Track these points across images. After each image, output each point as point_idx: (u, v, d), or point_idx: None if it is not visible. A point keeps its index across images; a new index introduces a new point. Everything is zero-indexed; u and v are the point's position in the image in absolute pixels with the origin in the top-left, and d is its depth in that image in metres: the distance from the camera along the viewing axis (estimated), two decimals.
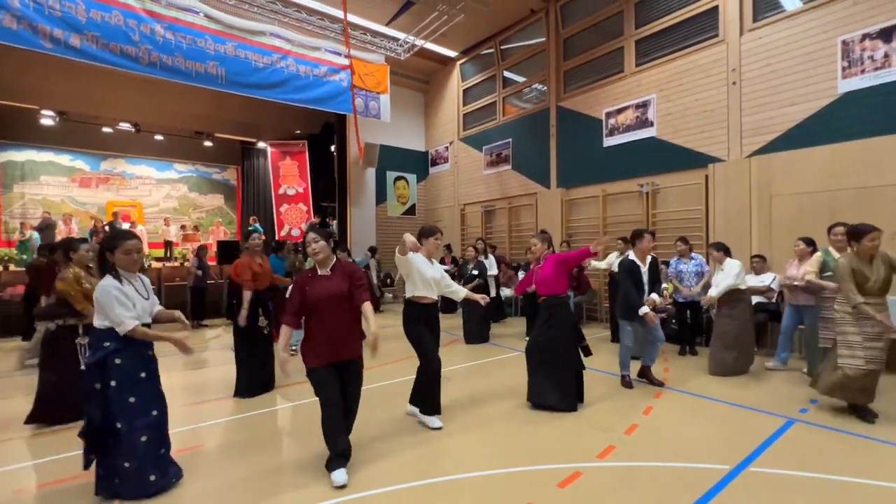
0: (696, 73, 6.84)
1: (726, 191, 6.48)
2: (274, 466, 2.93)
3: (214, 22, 7.68)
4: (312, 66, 8.85)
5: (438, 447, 3.20)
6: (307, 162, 12.91)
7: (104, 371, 2.45)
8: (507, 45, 10.32)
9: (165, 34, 7.13)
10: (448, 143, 12.00)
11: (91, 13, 6.52)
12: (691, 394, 4.26)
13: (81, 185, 12.70)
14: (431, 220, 12.63)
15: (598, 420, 3.62)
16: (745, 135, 6.32)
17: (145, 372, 2.57)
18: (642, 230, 4.48)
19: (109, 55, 6.68)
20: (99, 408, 2.44)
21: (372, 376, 4.48)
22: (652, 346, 4.51)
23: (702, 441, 3.23)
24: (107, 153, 13.00)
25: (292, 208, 12.75)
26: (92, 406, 2.44)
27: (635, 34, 7.72)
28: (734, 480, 2.65)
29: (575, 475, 2.74)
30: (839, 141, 5.46)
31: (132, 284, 2.56)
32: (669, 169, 7.20)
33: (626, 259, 4.46)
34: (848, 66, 5.42)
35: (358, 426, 3.01)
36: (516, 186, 10.01)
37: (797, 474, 2.72)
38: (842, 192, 5.43)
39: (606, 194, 8.13)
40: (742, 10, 6.35)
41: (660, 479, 2.71)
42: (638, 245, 4.39)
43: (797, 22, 5.84)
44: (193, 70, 7.44)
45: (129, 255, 2.53)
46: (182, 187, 14.43)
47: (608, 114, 8.09)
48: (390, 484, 2.66)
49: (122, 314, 2.41)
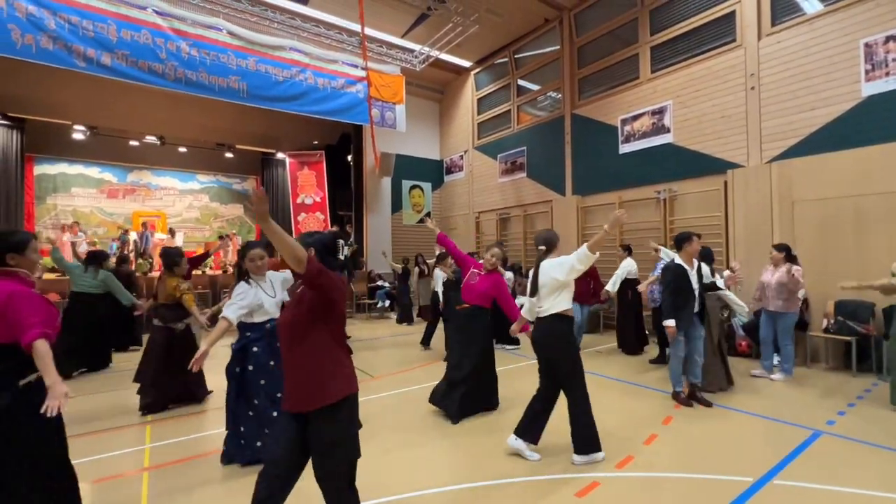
0: (713, 79, 6.78)
1: (746, 197, 6.37)
2: None
3: (237, 38, 7.96)
4: (330, 79, 9.07)
5: (459, 455, 3.21)
6: (325, 172, 13.13)
7: (244, 357, 3.01)
8: (521, 54, 10.39)
9: (191, 51, 7.42)
10: (463, 151, 12.09)
11: (122, 33, 6.83)
12: (713, 404, 4.18)
13: (109, 197, 13.16)
14: (446, 228, 12.70)
15: (616, 429, 3.58)
16: (764, 140, 6.22)
17: (274, 360, 3.01)
18: (689, 233, 4.31)
19: (138, 72, 6.98)
20: (235, 386, 3.00)
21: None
22: (693, 362, 4.24)
23: (723, 452, 3.17)
24: (133, 165, 13.46)
25: (310, 217, 12.97)
26: (230, 384, 3.02)
27: (650, 41, 7.70)
28: (757, 493, 2.60)
29: (593, 485, 2.72)
30: (863, 145, 5.33)
31: (259, 286, 3.05)
32: (687, 175, 7.12)
33: (673, 263, 4.26)
34: (871, 68, 5.30)
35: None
36: (531, 194, 10.01)
37: (823, 487, 2.65)
38: (867, 196, 5.30)
39: (623, 201, 8.06)
40: (760, 15, 6.29)
41: (680, 490, 2.68)
42: (685, 248, 4.21)
43: (817, 25, 5.75)
44: (216, 84, 7.71)
45: (252, 262, 3.04)
46: (204, 197, 14.82)
47: (623, 121, 8.06)
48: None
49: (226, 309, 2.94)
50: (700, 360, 4.24)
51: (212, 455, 3.20)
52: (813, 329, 5.58)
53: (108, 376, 5.51)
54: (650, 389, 4.65)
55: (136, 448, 3.38)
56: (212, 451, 3.26)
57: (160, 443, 3.47)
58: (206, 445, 3.42)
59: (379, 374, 5.45)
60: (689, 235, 4.28)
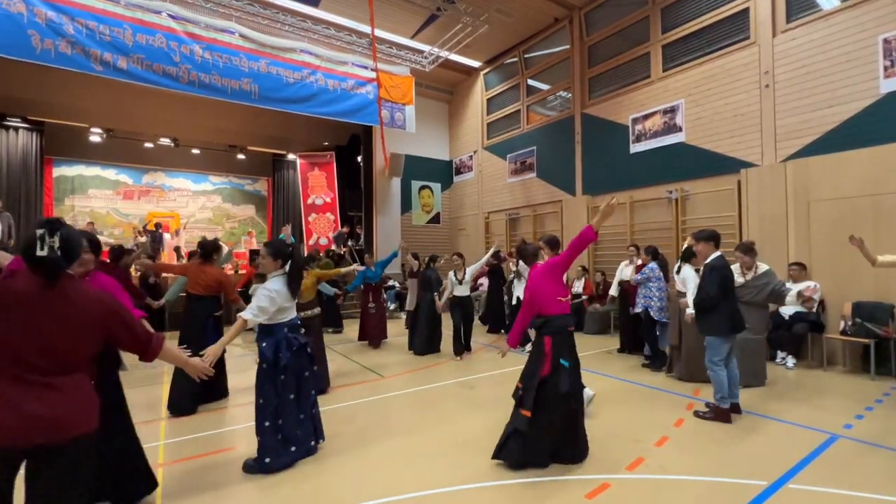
0: (726, 77, 6.69)
1: (761, 196, 6.27)
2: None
3: (249, 41, 8.06)
4: (340, 80, 9.14)
5: (467, 455, 3.21)
6: (335, 172, 13.24)
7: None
8: (530, 54, 10.35)
9: (204, 54, 7.53)
10: (472, 151, 12.08)
11: (137, 37, 6.97)
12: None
13: (125, 198, 13.41)
14: (456, 228, 12.70)
15: (627, 431, 3.55)
16: (779, 139, 6.12)
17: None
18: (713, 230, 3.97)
19: (153, 75, 7.11)
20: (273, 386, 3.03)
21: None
22: (734, 375, 3.86)
23: (737, 455, 3.12)
24: (148, 167, 13.71)
25: (320, 218, 13.08)
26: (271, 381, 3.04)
27: (662, 39, 7.63)
28: (772, 497, 2.56)
29: (604, 486, 2.70)
30: (881, 143, 5.22)
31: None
32: (699, 175, 7.03)
33: (718, 259, 3.83)
34: (891, 64, 5.19)
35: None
36: (541, 194, 9.97)
37: (840, 492, 2.60)
38: (886, 196, 5.18)
39: (634, 201, 7.99)
40: (774, 12, 6.19)
41: (693, 493, 2.65)
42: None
43: (833, 21, 5.65)
44: (229, 87, 7.82)
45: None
46: (216, 198, 15.03)
47: (635, 120, 7.99)
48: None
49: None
50: (737, 374, 3.88)
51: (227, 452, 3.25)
52: (830, 331, 5.47)
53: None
54: (660, 391, 4.60)
55: (152, 444, 3.45)
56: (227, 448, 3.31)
57: (175, 439, 3.54)
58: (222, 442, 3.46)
59: (390, 373, 5.48)
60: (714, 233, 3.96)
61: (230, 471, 2.98)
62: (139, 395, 4.49)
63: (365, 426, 3.71)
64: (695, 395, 4.40)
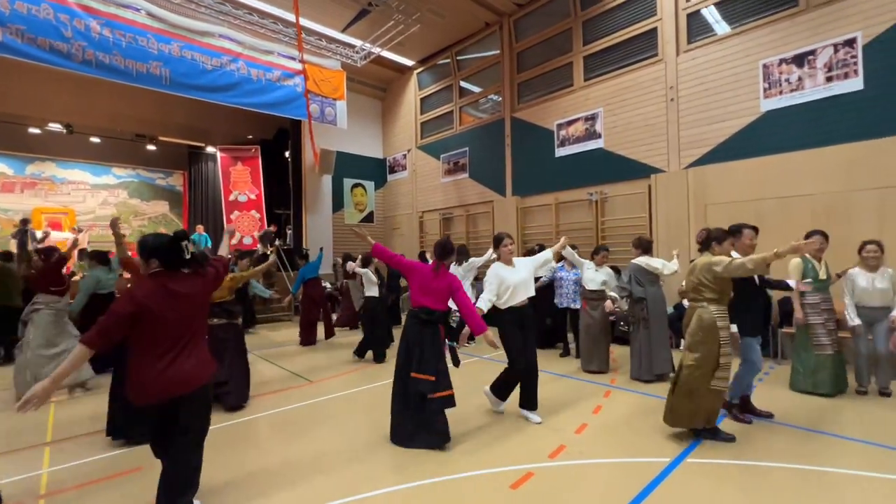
0: (639, 90, 7.29)
1: (667, 200, 6.91)
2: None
3: (157, 20, 7.34)
4: (265, 70, 8.64)
5: (389, 456, 3.17)
6: (260, 168, 12.48)
7: None
8: (463, 56, 10.52)
9: (102, 31, 6.73)
10: (406, 150, 12.02)
11: (16, 5, 6.04)
12: (638, 392, 4.48)
13: (4, 191, 11.61)
14: (390, 227, 12.57)
15: (550, 421, 3.73)
16: (682, 148, 6.78)
17: None
18: (741, 225, 3.77)
19: (37, 51, 6.21)
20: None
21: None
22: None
23: (646, 437, 3.40)
24: (34, 156, 11.98)
25: (244, 216, 12.26)
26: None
27: (583, 50, 8.12)
28: (674, 471, 2.82)
29: (528, 475, 2.81)
30: (762, 155, 6.00)
31: None
32: (616, 179, 7.59)
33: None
34: (768, 87, 5.97)
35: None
36: (473, 194, 10.18)
37: (732, 462, 2.94)
38: (765, 201, 5.95)
39: (559, 202, 8.43)
40: (678, 32, 6.85)
41: (608, 474, 2.84)
42: (737, 243, 3.66)
43: (725, 45, 6.38)
44: (134, 69, 7.06)
45: None
46: (121, 193, 13.53)
47: (559, 125, 8.43)
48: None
49: None
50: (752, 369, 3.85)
51: None
52: None
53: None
54: (579, 380, 4.89)
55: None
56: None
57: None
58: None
59: (317, 377, 5.27)
60: (739, 227, 3.74)
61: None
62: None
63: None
64: (611, 384, 4.74)
